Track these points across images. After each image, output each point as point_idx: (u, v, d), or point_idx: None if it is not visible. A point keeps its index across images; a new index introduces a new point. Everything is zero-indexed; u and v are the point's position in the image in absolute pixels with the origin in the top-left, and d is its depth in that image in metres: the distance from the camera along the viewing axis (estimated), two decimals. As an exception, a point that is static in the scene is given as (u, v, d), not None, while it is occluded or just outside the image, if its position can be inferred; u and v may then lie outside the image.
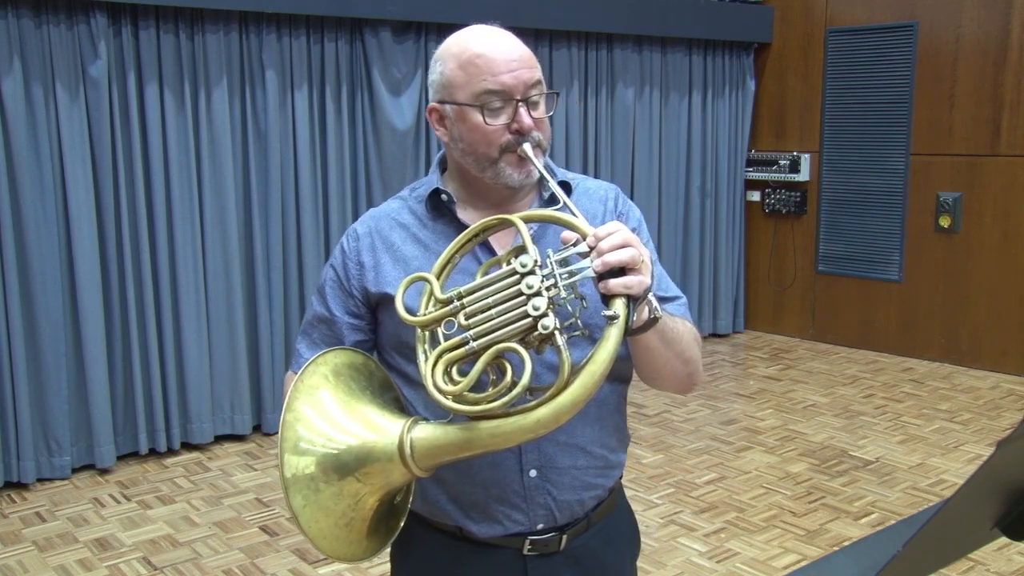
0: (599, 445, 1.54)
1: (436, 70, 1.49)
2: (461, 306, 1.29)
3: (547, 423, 1.24)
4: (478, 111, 1.43)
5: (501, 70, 1.43)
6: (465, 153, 1.48)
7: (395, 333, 1.51)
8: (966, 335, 6.01)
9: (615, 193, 1.61)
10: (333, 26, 4.96)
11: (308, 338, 1.58)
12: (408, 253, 1.51)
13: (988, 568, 3.39)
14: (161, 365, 4.62)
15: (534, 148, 1.44)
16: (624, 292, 1.25)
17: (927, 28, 5.99)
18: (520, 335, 1.25)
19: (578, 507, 1.53)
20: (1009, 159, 5.73)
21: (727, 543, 3.67)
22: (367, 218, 1.58)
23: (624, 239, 1.27)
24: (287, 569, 3.50)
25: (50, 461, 4.32)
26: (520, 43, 1.49)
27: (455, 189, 1.54)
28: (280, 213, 4.88)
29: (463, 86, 1.44)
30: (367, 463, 1.30)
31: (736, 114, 6.82)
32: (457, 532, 1.53)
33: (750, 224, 7.07)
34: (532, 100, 1.45)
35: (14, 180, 4.14)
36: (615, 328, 1.25)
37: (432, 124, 1.51)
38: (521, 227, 1.31)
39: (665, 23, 6.15)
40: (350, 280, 1.53)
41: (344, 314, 1.54)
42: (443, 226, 1.52)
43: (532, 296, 1.25)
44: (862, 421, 5.07)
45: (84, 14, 4.23)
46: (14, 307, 4.15)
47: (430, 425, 1.31)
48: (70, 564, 3.55)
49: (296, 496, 1.26)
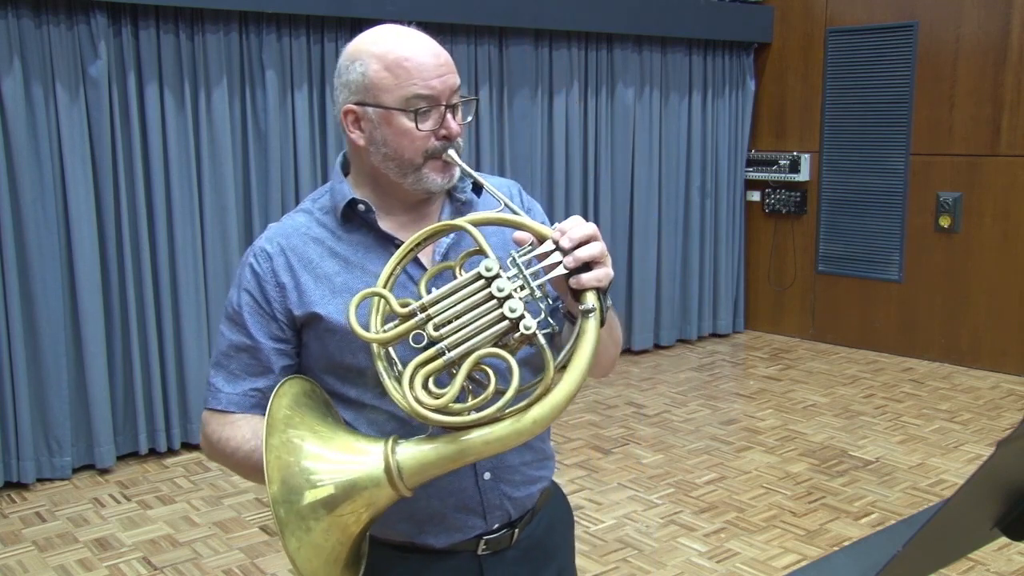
0: (538, 438, 1.53)
1: (355, 70, 1.42)
2: (427, 317, 1.25)
3: (544, 422, 1.23)
4: (408, 116, 1.39)
5: (431, 75, 1.39)
6: (387, 158, 1.42)
7: (326, 355, 1.45)
8: (966, 335, 6.01)
9: (518, 189, 1.61)
10: (333, 26, 4.96)
11: (225, 370, 1.46)
12: (328, 270, 1.45)
13: (988, 568, 3.39)
14: (161, 365, 4.62)
15: (457, 153, 1.43)
16: (596, 285, 1.27)
17: (927, 28, 5.99)
18: (497, 339, 1.24)
19: (528, 501, 1.55)
20: (1009, 159, 5.73)
21: (727, 543, 3.67)
22: (274, 236, 1.48)
23: (589, 233, 1.28)
24: (287, 569, 3.50)
25: (50, 461, 4.32)
26: (439, 46, 1.45)
27: (368, 196, 1.47)
28: (280, 213, 4.88)
29: (391, 89, 1.39)
30: (354, 492, 1.25)
31: (736, 114, 6.82)
32: (408, 543, 1.50)
33: (750, 224, 7.07)
34: (455, 106, 1.43)
35: (14, 180, 4.14)
36: (593, 320, 1.26)
37: (345, 127, 1.44)
38: (475, 233, 1.29)
39: (665, 23, 6.15)
40: (271, 303, 1.44)
41: (268, 339, 1.45)
42: (360, 237, 1.47)
43: (505, 299, 1.23)
44: (862, 421, 5.07)
45: (84, 14, 4.23)
46: (14, 307, 4.15)
47: (412, 442, 1.28)
48: (70, 564, 3.55)
49: (291, 539, 1.21)
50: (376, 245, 1.46)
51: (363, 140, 1.43)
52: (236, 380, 1.46)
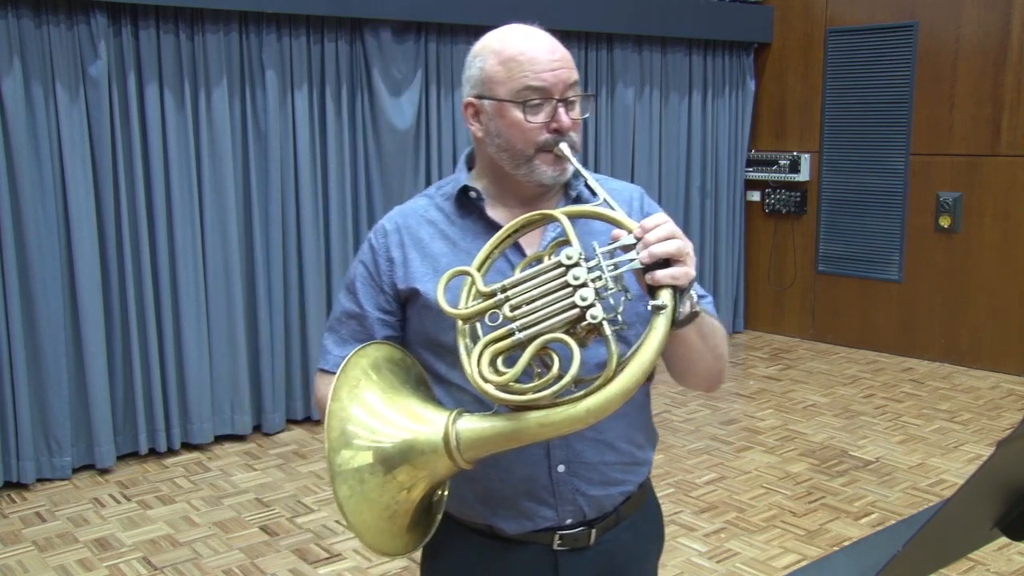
0: (626, 441, 1.55)
1: (475, 65, 1.50)
2: (505, 298, 1.29)
3: (597, 412, 1.24)
4: (518, 108, 1.44)
5: (543, 68, 1.44)
6: (500, 149, 1.48)
7: (422, 330, 1.52)
8: (966, 335, 6.01)
9: (639, 194, 1.62)
10: (333, 26, 4.96)
11: (336, 334, 1.58)
12: (436, 250, 1.52)
13: (988, 568, 3.39)
14: (161, 365, 4.62)
15: (569, 148, 1.46)
16: (671, 283, 1.26)
17: (927, 28, 5.99)
18: (567, 326, 1.26)
19: (607, 502, 1.54)
20: (1009, 159, 5.73)
21: (727, 543, 3.67)
22: (395, 215, 1.59)
23: (670, 231, 1.28)
24: (287, 569, 3.50)
25: (50, 461, 4.32)
26: (559, 43, 1.50)
27: (484, 186, 1.54)
28: (280, 213, 4.88)
29: (504, 82, 1.45)
30: (412, 455, 1.30)
31: (736, 114, 6.82)
32: (487, 530, 1.53)
33: (750, 224, 7.07)
34: (570, 101, 1.47)
35: (14, 180, 4.14)
36: (663, 318, 1.26)
37: (466, 119, 1.52)
38: (564, 221, 1.33)
39: (665, 23, 6.15)
40: (381, 276, 1.54)
41: (375, 309, 1.54)
42: (471, 224, 1.53)
43: (578, 287, 1.25)
44: (862, 421, 5.07)
45: (84, 14, 4.23)
46: (14, 307, 4.15)
47: (475, 416, 1.32)
48: (70, 564, 3.55)
49: (342, 487, 1.26)
50: (484, 232, 1.50)
51: (481, 132, 1.50)
52: (344, 344, 1.55)
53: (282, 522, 3.88)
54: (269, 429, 4.95)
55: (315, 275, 5.02)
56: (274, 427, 4.96)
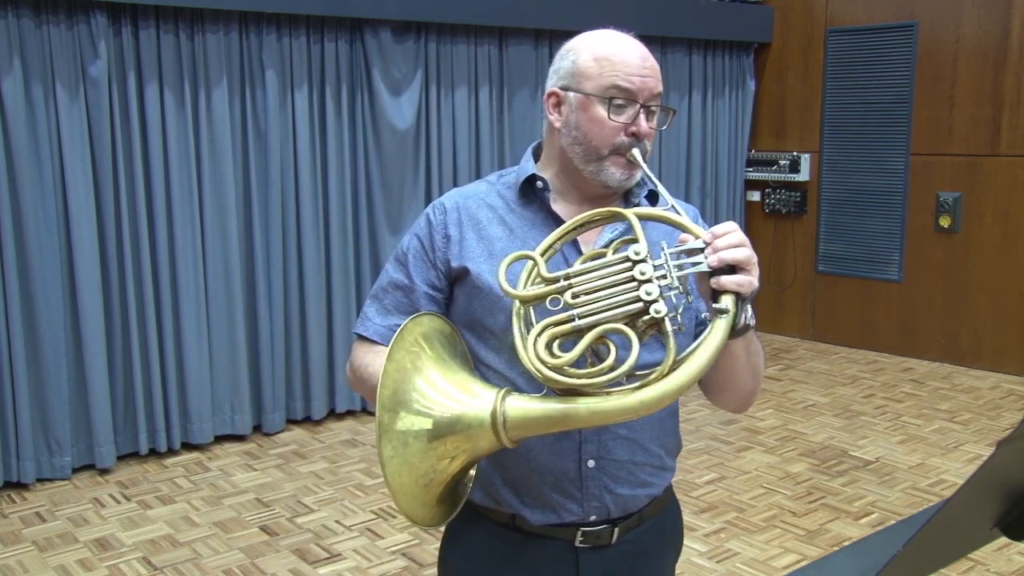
0: (658, 444, 1.56)
1: (568, 58, 1.53)
2: (568, 286, 1.30)
3: (650, 405, 1.25)
4: (603, 104, 1.47)
5: (633, 72, 1.47)
6: (576, 142, 1.50)
7: (469, 310, 1.52)
8: (966, 335, 6.01)
9: (694, 213, 1.63)
10: (333, 26, 4.96)
11: (379, 303, 1.59)
12: (493, 233, 1.53)
13: (988, 568, 3.39)
14: (161, 365, 4.62)
15: (641, 155, 1.48)
16: (735, 289, 1.28)
17: (927, 28, 5.99)
18: (628, 318, 1.27)
19: (632, 503, 1.55)
20: (1009, 159, 5.73)
21: (727, 543, 3.67)
22: (454, 195, 1.60)
23: (740, 239, 1.30)
24: (287, 569, 3.50)
25: (50, 461, 4.32)
26: (650, 54, 1.54)
27: (550, 178, 1.56)
28: (280, 213, 4.88)
29: (594, 77, 1.48)
30: (458, 426, 1.31)
31: (736, 114, 6.82)
32: (510, 521, 1.54)
33: (750, 224, 7.07)
34: (651, 110, 1.50)
35: (14, 180, 4.14)
36: (724, 321, 1.27)
37: (547, 108, 1.54)
38: (633, 219, 1.34)
39: (665, 23, 6.15)
40: (435, 251, 1.55)
41: (424, 284, 1.55)
42: (532, 213, 1.55)
43: (644, 282, 1.27)
44: (862, 421, 5.07)
45: (84, 14, 4.23)
46: (14, 307, 4.15)
47: (524, 397, 1.33)
48: (70, 564, 3.55)
49: (387, 446, 1.27)
50: (543, 223, 1.52)
51: (559, 123, 1.52)
52: (387, 314, 1.57)
53: (282, 522, 3.88)
54: (269, 429, 4.95)
55: (315, 275, 5.02)
56: (274, 427, 4.96)
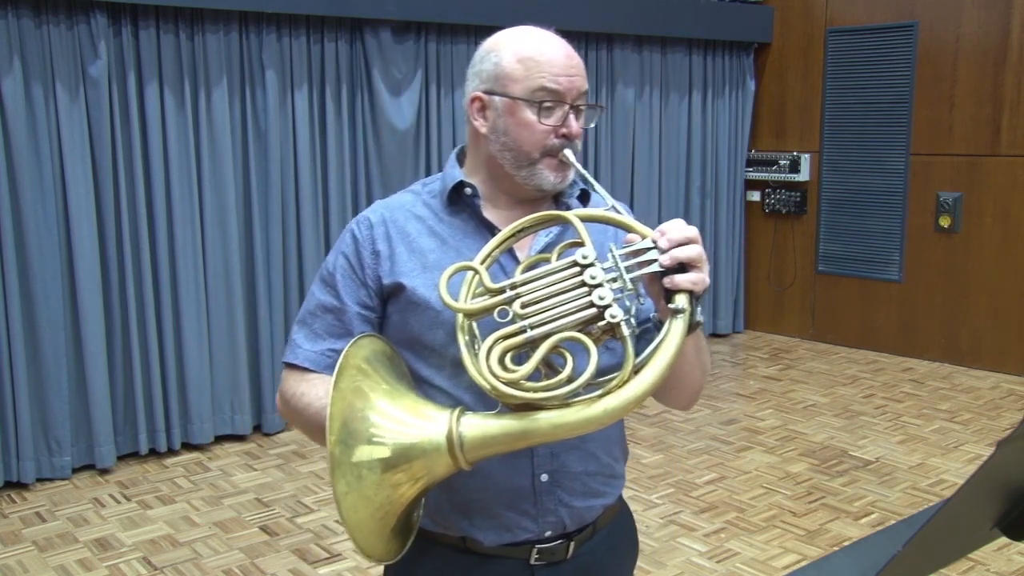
0: (605, 452, 1.52)
1: (489, 60, 1.46)
2: (516, 295, 1.25)
3: (614, 413, 1.21)
4: (532, 108, 1.42)
5: (561, 72, 1.42)
6: (505, 148, 1.45)
7: (405, 328, 1.46)
8: (966, 335, 6.01)
9: (624, 208, 1.61)
10: (333, 26, 4.96)
11: (308, 328, 1.51)
12: (425, 245, 1.47)
13: (988, 568, 3.39)
14: (161, 365, 4.62)
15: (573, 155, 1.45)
16: (690, 287, 1.24)
17: (927, 28, 5.99)
18: (582, 325, 1.23)
19: (587, 514, 1.51)
20: (1009, 159, 5.73)
21: (727, 543, 3.67)
22: (379, 207, 1.53)
23: (690, 235, 1.26)
24: (287, 569, 3.50)
25: (50, 461, 4.32)
26: (576, 52, 1.49)
27: (478, 184, 1.50)
28: (280, 213, 4.88)
29: (520, 80, 1.42)
30: (413, 454, 1.25)
31: (736, 114, 6.81)
32: (460, 544, 1.48)
33: (750, 224, 7.07)
34: (579, 109, 1.45)
35: (14, 180, 4.14)
36: (680, 321, 1.23)
37: (470, 114, 1.48)
38: (578, 223, 1.31)
39: (665, 23, 6.15)
40: (364, 268, 1.48)
41: (355, 304, 1.48)
42: (462, 222, 1.49)
43: (595, 287, 1.23)
44: (862, 421, 5.07)
45: (84, 14, 4.23)
46: (14, 307, 4.15)
47: (479, 416, 1.27)
48: (70, 564, 3.55)
49: (340, 481, 1.21)
50: (475, 231, 1.47)
51: (485, 128, 1.47)
52: (317, 339, 1.49)
53: (282, 522, 3.88)
54: (269, 429, 4.95)
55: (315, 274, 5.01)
56: (274, 427, 4.96)
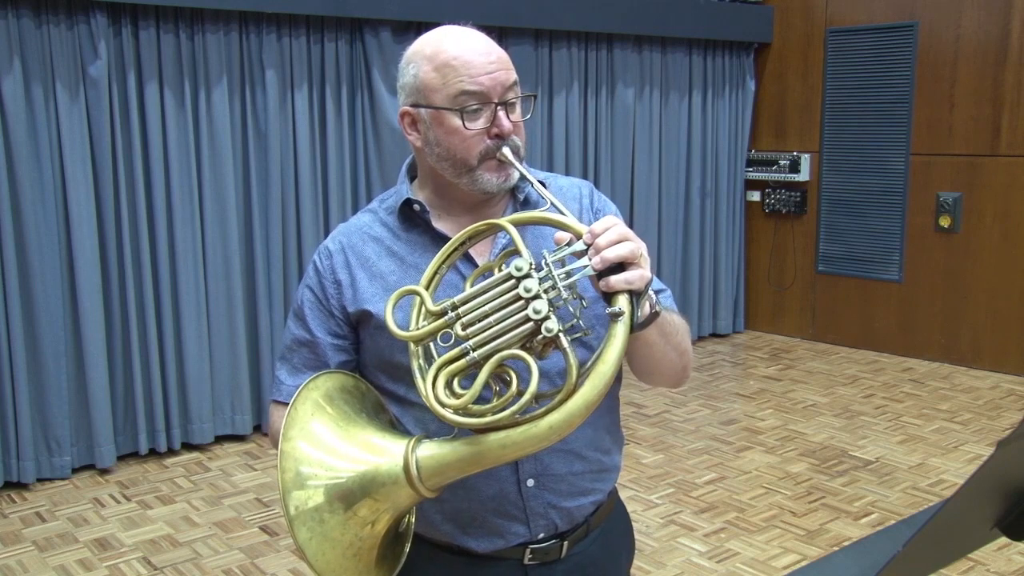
0: (593, 448, 1.51)
1: (408, 72, 1.43)
2: (456, 316, 1.24)
3: (560, 429, 1.20)
4: (456, 114, 1.38)
5: (478, 71, 1.38)
6: (441, 158, 1.42)
7: (377, 352, 1.46)
8: (966, 335, 6.00)
9: (588, 190, 1.58)
10: (333, 26, 4.96)
11: (288, 364, 1.51)
12: (384, 268, 1.46)
13: (988, 568, 3.39)
14: (161, 365, 4.62)
15: (513, 152, 1.40)
16: (626, 288, 1.22)
17: (927, 28, 5.99)
18: (522, 341, 1.21)
19: (578, 513, 1.50)
20: (1009, 159, 5.73)
21: (727, 543, 3.67)
22: (338, 234, 1.52)
23: (621, 234, 1.24)
24: (287, 569, 3.50)
25: (50, 461, 4.32)
26: (495, 44, 1.44)
27: (427, 197, 1.49)
28: (280, 213, 4.88)
29: (439, 88, 1.39)
30: (372, 488, 1.25)
31: (736, 114, 6.81)
32: (455, 548, 1.49)
33: (750, 224, 7.07)
34: (510, 103, 1.41)
35: (14, 180, 4.14)
36: (621, 325, 1.21)
37: (404, 130, 1.46)
38: (512, 231, 1.27)
39: (665, 23, 6.15)
40: (329, 300, 1.48)
41: (326, 335, 1.48)
42: (417, 236, 1.47)
43: (531, 299, 1.21)
44: (862, 421, 5.07)
45: (84, 14, 4.23)
46: (14, 307, 4.15)
47: (434, 443, 1.27)
48: (70, 564, 3.55)
49: (301, 529, 1.21)
50: (431, 245, 1.45)
51: (419, 142, 1.45)
52: (297, 373, 1.49)
53: (282, 522, 3.88)
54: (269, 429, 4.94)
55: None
56: (274, 427, 4.95)
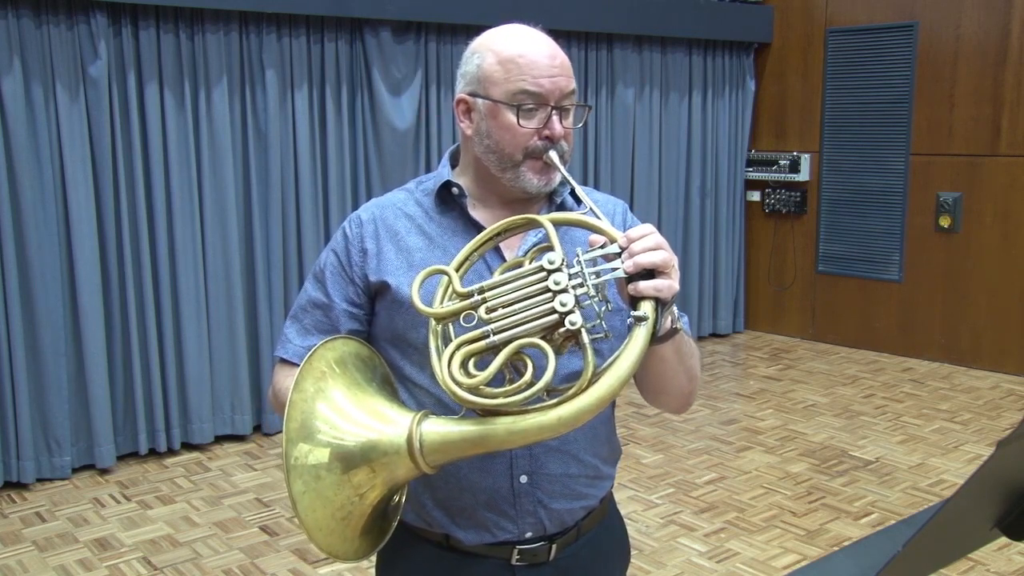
0: (591, 454, 1.51)
1: (472, 62, 1.46)
2: (483, 300, 1.25)
3: (569, 421, 1.20)
4: (512, 110, 1.41)
5: (542, 73, 1.41)
6: (489, 150, 1.45)
7: (391, 326, 1.48)
8: (966, 335, 6.01)
9: (623, 208, 1.59)
10: (333, 26, 4.96)
11: (299, 323, 1.53)
12: (412, 244, 1.48)
13: (988, 568, 3.39)
14: (161, 365, 4.62)
15: (559, 157, 1.43)
16: (654, 295, 1.23)
17: (927, 28, 5.99)
18: (544, 331, 1.22)
19: (568, 516, 1.50)
20: (1009, 159, 5.73)
21: (727, 543, 3.67)
22: (371, 205, 1.55)
23: (657, 242, 1.25)
24: (287, 569, 3.50)
25: (50, 461, 4.32)
26: (560, 50, 1.47)
27: (467, 185, 1.50)
28: (280, 213, 4.88)
29: (500, 83, 1.42)
30: (373, 455, 1.26)
31: (736, 114, 6.81)
32: (443, 541, 1.50)
33: (750, 224, 7.07)
34: (565, 108, 1.44)
35: (14, 180, 4.14)
36: (643, 329, 1.22)
37: (457, 115, 1.49)
38: (548, 227, 1.30)
39: (665, 23, 6.15)
40: (352, 267, 1.49)
41: (343, 301, 1.49)
42: (451, 221, 1.50)
43: (559, 293, 1.22)
44: (862, 421, 5.07)
45: (84, 14, 4.23)
46: (14, 307, 4.15)
47: (441, 419, 1.27)
48: (70, 564, 3.55)
49: (296, 481, 1.22)
50: (463, 230, 1.47)
51: (470, 130, 1.47)
52: (306, 334, 1.51)
53: (282, 522, 3.88)
54: (269, 429, 4.95)
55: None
56: (274, 427, 4.95)
